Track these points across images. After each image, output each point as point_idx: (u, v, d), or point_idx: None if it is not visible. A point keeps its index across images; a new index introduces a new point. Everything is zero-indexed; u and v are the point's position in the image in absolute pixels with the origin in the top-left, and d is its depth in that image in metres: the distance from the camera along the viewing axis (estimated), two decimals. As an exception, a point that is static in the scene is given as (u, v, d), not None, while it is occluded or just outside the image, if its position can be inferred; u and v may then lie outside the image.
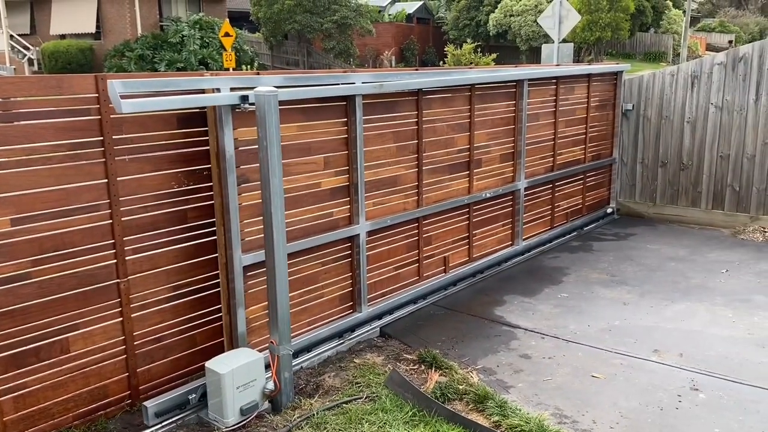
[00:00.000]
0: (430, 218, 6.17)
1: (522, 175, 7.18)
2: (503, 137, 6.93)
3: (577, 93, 8.05)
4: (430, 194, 6.12)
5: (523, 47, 37.70)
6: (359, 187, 5.29)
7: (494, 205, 6.99)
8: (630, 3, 34.99)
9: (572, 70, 7.99)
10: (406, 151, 5.79)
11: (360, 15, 32.97)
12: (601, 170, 8.88)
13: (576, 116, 8.12)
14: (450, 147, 6.26)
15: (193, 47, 28.62)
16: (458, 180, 6.44)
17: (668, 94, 8.55)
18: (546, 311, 5.96)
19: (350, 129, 5.18)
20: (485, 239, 6.95)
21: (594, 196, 8.82)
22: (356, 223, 5.34)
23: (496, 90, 6.73)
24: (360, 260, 5.42)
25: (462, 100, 6.31)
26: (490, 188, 6.82)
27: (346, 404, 4.34)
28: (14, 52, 30.35)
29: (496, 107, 6.77)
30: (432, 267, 6.32)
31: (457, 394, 4.48)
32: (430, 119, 5.98)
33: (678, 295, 6.25)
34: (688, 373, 4.74)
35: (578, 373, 4.82)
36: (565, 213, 8.23)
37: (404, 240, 5.95)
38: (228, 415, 4.17)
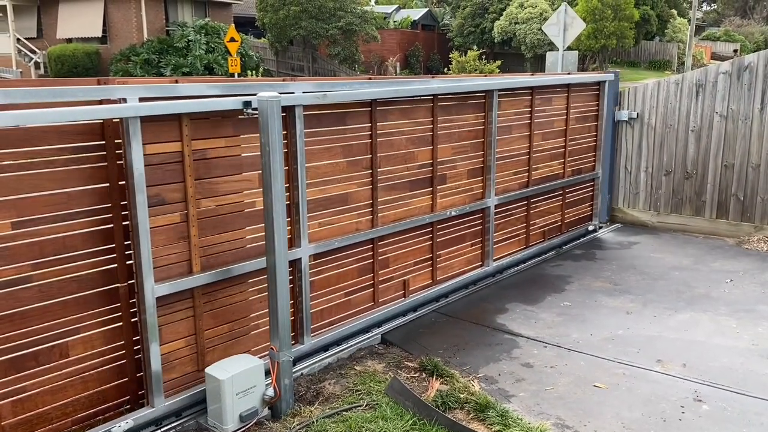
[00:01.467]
0: (387, 239, 5.70)
1: (492, 192, 6.70)
2: (471, 151, 6.48)
3: (555, 104, 7.62)
4: (387, 213, 5.65)
5: (528, 55, 37.73)
6: (300, 207, 4.78)
7: (461, 223, 6.53)
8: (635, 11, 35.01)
9: (549, 80, 7.55)
10: (359, 166, 5.32)
11: (365, 21, 33.06)
12: (582, 186, 8.46)
13: (554, 129, 7.69)
14: (410, 162, 5.80)
15: (198, 52, 28.72)
16: (420, 197, 5.97)
17: (673, 102, 8.53)
18: (548, 320, 5.92)
19: (289, 143, 4.69)
20: (451, 260, 6.49)
21: (575, 213, 8.40)
22: (297, 245, 4.83)
23: (463, 101, 6.27)
24: (302, 286, 4.90)
25: (423, 112, 5.86)
26: (456, 206, 6.36)
27: (346, 412, 4.32)
28: (21, 56, 30.52)
29: (463, 119, 6.32)
30: (390, 291, 5.86)
31: (458, 403, 4.45)
32: (387, 132, 5.52)
33: (681, 305, 6.21)
34: (691, 384, 4.70)
35: (580, 382, 4.78)
36: (542, 231, 7.80)
37: (357, 263, 5.48)
38: (227, 421, 4.15)
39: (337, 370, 5.02)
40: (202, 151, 4.24)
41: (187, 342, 4.34)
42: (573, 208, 8.32)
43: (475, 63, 25.95)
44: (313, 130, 4.92)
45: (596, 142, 8.54)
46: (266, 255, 4.38)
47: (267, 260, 4.38)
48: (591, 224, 8.69)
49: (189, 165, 4.16)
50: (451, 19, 44.02)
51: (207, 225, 4.34)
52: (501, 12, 39.59)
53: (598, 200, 8.72)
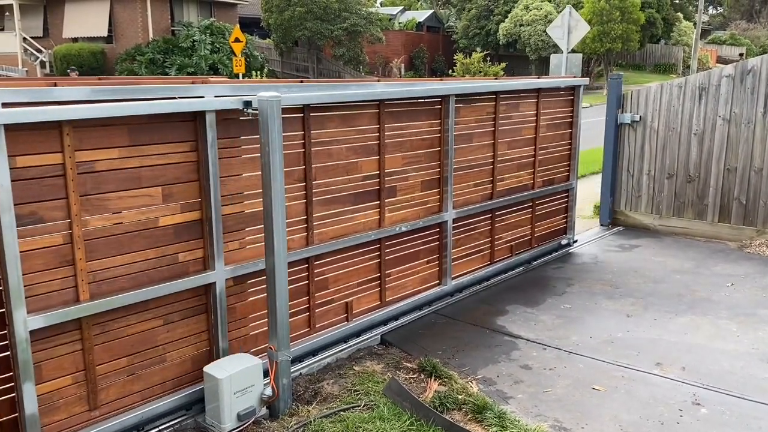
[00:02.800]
0: (325, 258, 5.16)
1: (450, 205, 6.14)
2: (426, 161, 5.91)
3: (523, 110, 7.04)
4: (326, 229, 5.12)
5: (533, 57, 37.75)
6: (215, 224, 4.27)
7: (415, 239, 5.98)
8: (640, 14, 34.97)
9: (515, 85, 6.98)
10: (290, 178, 4.76)
11: (370, 23, 33.12)
12: (555, 197, 7.85)
13: (522, 137, 7.10)
14: (353, 173, 5.26)
15: (203, 52, 28.81)
16: (364, 212, 5.42)
17: (676, 105, 8.52)
18: (548, 322, 5.92)
19: (201, 153, 4.19)
20: (403, 279, 5.93)
21: (547, 226, 7.80)
22: (211, 268, 4.33)
23: (415, 107, 5.71)
24: (219, 313, 4.40)
25: (368, 119, 5.31)
26: (408, 220, 5.81)
27: (343, 412, 4.32)
28: (27, 55, 30.63)
29: (416, 127, 5.76)
30: (329, 315, 5.29)
31: (456, 404, 4.45)
32: (324, 140, 4.98)
33: (682, 308, 6.20)
34: (690, 388, 4.69)
35: (579, 385, 4.78)
36: (509, 246, 7.23)
37: (289, 285, 4.73)
38: (225, 420, 4.16)
39: (336, 370, 5.03)
40: (88, 163, 3.76)
41: (74, 379, 3.86)
42: (545, 221, 7.75)
43: (479, 65, 25.97)
44: (232, 138, 4.39)
45: (570, 151, 7.96)
46: (265, 256, 4.39)
47: (266, 261, 4.39)
48: (565, 238, 8.13)
49: (72, 179, 3.69)
50: (456, 21, 44.08)
51: (98, 247, 3.85)
52: (506, 14, 39.62)
53: (572, 212, 8.15)
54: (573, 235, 8.23)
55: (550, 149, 7.58)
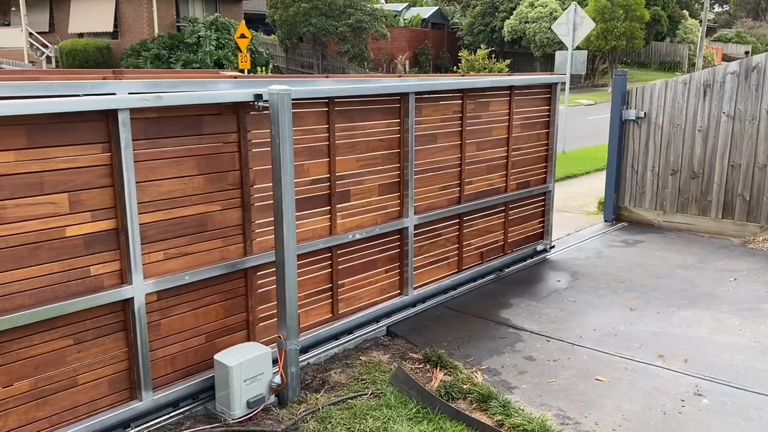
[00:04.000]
0: (266, 268, 4.73)
1: (411, 210, 5.73)
2: (383, 164, 5.50)
3: (493, 109, 6.61)
4: (268, 238, 4.68)
5: (537, 53, 37.79)
6: (131, 234, 3.90)
7: (371, 247, 5.55)
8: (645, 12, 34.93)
9: (484, 82, 6.57)
10: (223, 183, 4.39)
11: (375, 19, 33.17)
12: (530, 201, 7.44)
13: (493, 137, 6.68)
14: (299, 177, 4.83)
15: (208, 48, 28.92)
16: (313, 218, 5.02)
17: (680, 102, 8.57)
18: (552, 315, 5.99)
19: (114, 156, 3.82)
20: (358, 290, 5.52)
21: (521, 232, 7.38)
22: (128, 282, 3.95)
23: (370, 105, 5.30)
24: (139, 331, 4.02)
25: (315, 118, 4.91)
26: (364, 227, 5.41)
27: (351, 400, 4.40)
28: (33, 50, 30.75)
29: (372, 127, 5.35)
30: (272, 330, 4.83)
31: (461, 393, 4.53)
32: (263, 141, 4.55)
33: (685, 302, 6.27)
34: (692, 379, 4.76)
35: (582, 375, 4.85)
36: (480, 252, 6.81)
37: (224, 299, 4.53)
38: (235, 407, 4.24)
39: (343, 359, 5.11)
40: None
41: None
42: (519, 226, 7.33)
43: (484, 61, 25.98)
44: (153, 140, 4.02)
45: (548, 152, 7.51)
46: (276, 248, 4.47)
47: (276, 254, 4.47)
48: (541, 244, 7.67)
49: None
50: (461, 18, 44.10)
51: None
52: (511, 11, 39.64)
53: (549, 217, 7.72)
54: (550, 240, 7.82)
55: (524, 150, 7.17)
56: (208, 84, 4.24)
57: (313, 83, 4.94)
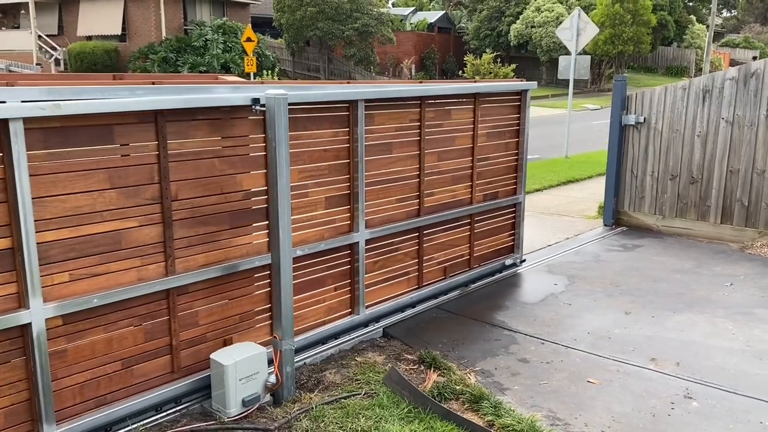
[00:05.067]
0: (193, 289, 4.41)
1: (362, 224, 5.40)
2: (330, 175, 5.19)
3: (456, 117, 6.29)
4: (194, 256, 4.38)
5: (544, 58, 37.83)
6: (28, 254, 3.57)
7: (317, 263, 5.22)
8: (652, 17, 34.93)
9: (445, 89, 6.23)
10: (140, 197, 4.06)
11: (381, 23, 33.30)
12: (499, 212, 7.10)
13: (456, 146, 6.35)
14: (230, 190, 4.51)
15: (215, 51, 29.10)
16: (247, 234, 4.68)
17: (679, 107, 8.61)
18: (547, 318, 6.05)
19: (6, 169, 3.51)
20: (303, 310, 5.18)
21: (489, 245, 7.05)
22: (24, 306, 3.63)
23: (315, 113, 5.00)
24: (39, 359, 3.68)
25: (249, 127, 4.57)
26: (308, 242, 5.08)
27: (344, 399, 4.48)
28: (42, 52, 31.04)
29: (317, 136, 5.04)
30: (201, 354, 4.52)
31: (454, 394, 4.59)
32: (186, 152, 4.24)
33: (680, 307, 6.31)
34: (683, 382, 4.81)
35: (574, 378, 4.91)
36: (442, 267, 6.49)
37: (143, 323, 4.20)
38: (230, 405, 4.32)
39: (339, 360, 5.18)
40: None
41: None
42: (486, 239, 7.01)
43: (489, 66, 26.06)
44: (56, 151, 3.69)
45: (517, 162, 7.16)
46: (271, 251, 4.56)
47: (272, 256, 4.56)
48: (510, 258, 7.32)
49: None
50: (467, 22, 44.20)
51: None
52: (518, 15, 39.71)
53: (520, 229, 7.38)
54: (521, 254, 7.48)
55: (492, 160, 6.84)
56: (120, 92, 3.93)
57: (247, 89, 4.61)
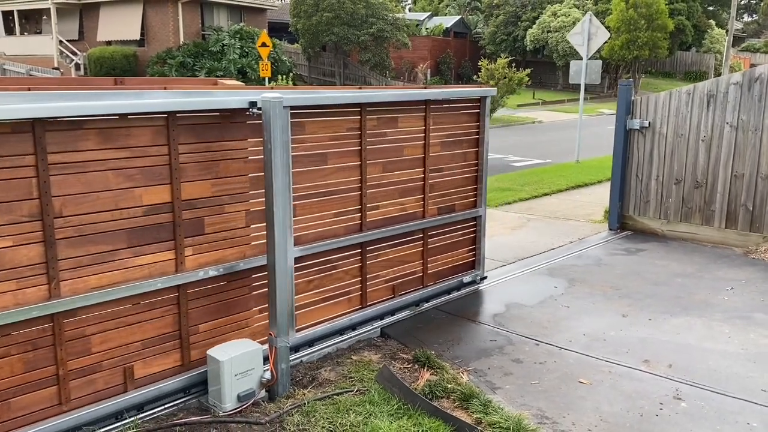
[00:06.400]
0: (83, 313, 4.05)
1: (290, 240, 4.90)
2: (253, 188, 4.78)
3: (404, 125, 5.88)
4: (85, 277, 4.03)
5: (560, 63, 37.76)
6: None
7: (237, 284, 4.82)
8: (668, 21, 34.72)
9: (389, 95, 5.82)
10: (15, 214, 3.73)
11: (397, 28, 33.45)
12: (456, 227, 6.66)
13: (405, 157, 5.94)
14: (128, 205, 4.15)
15: (232, 56, 29.45)
16: (150, 254, 4.30)
17: (684, 112, 8.63)
18: (544, 319, 6.10)
19: None
20: (222, 335, 4.77)
21: (445, 261, 6.62)
22: None
23: (231, 120, 4.60)
24: None
25: (150, 136, 4.19)
26: (224, 261, 4.68)
27: (337, 396, 4.58)
28: (63, 57, 31.60)
29: (232, 146, 4.63)
30: (97, 384, 4.18)
31: (445, 392, 4.67)
32: (74, 163, 3.91)
33: (678, 310, 6.33)
34: (673, 383, 4.85)
35: (566, 378, 4.97)
36: (391, 286, 6.06)
37: (22, 351, 3.86)
38: (226, 400, 4.44)
39: (335, 358, 5.29)
40: None
41: None
42: (441, 255, 6.57)
43: (504, 70, 26.05)
44: None
45: (477, 173, 6.73)
46: (267, 252, 4.67)
47: (267, 257, 4.67)
48: (469, 275, 6.85)
49: None
50: (483, 27, 44.25)
51: None
52: (534, 20, 39.71)
53: (480, 244, 6.91)
54: (482, 270, 7.04)
55: (447, 171, 6.41)
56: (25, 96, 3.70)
57: (146, 95, 4.30)
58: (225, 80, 5.25)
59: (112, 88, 4.21)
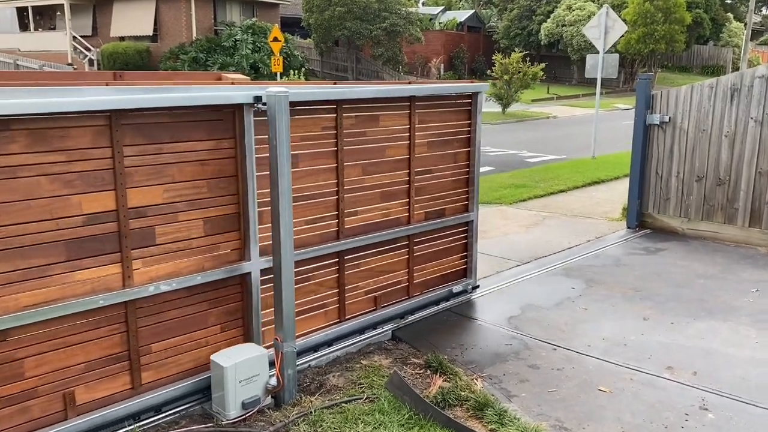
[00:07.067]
0: (15, 334, 3.69)
1: (255, 250, 4.54)
2: (211, 194, 4.36)
3: (386, 124, 5.45)
4: (18, 296, 3.66)
5: (575, 57, 37.34)
6: None
7: (195, 300, 4.40)
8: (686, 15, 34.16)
9: (368, 91, 5.29)
10: None
11: (410, 23, 33.17)
12: (445, 233, 6.19)
13: (387, 158, 5.50)
14: (63, 214, 3.76)
15: (245, 51, 29.31)
16: (91, 268, 3.90)
17: (706, 106, 8.33)
18: (562, 322, 5.88)
19: None
20: (177, 355, 4.37)
21: (434, 270, 6.16)
22: None
23: (186, 119, 4.18)
24: None
25: (90, 138, 3.79)
26: (178, 275, 4.26)
27: (345, 404, 4.39)
28: (76, 53, 31.62)
29: (189, 147, 4.21)
30: (34, 412, 3.82)
31: (458, 401, 4.47)
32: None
33: (702, 313, 6.08)
34: (699, 392, 4.61)
35: (585, 386, 4.74)
36: (373, 297, 5.63)
37: None
38: (229, 408, 4.26)
39: (344, 363, 5.10)
40: None
41: None
42: (430, 263, 6.12)
43: (518, 65, 25.72)
44: None
45: (468, 175, 6.26)
46: (273, 254, 4.47)
47: (273, 259, 4.48)
48: (459, 284, 6.37)
49: None
50: (497, 21, 43.84)
51: None
52: (548, 14, 39.27)
53: (472, 251, 6.42)
54: (474, 279, 6.53)
55: (435, 173, 5.96)
56: None
57: (86, 92, 3.72)
58: (229, 74, 5.04)
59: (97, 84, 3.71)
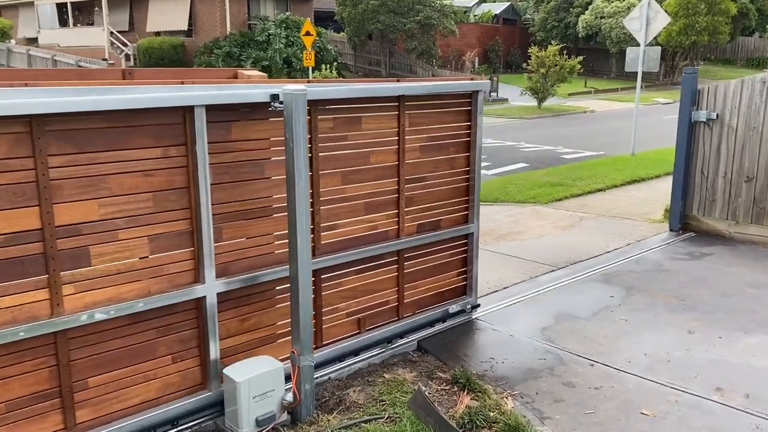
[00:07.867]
0: None
1: (210, 272, 4.03)
2: (156, 208, 3.85)
3: (370, 126, 4.85)
4: None
5: (613, 50, 36.44)
6: None
7: (136, 330, 3.89)
8: (731, 5, 33.01)
9: (347, 91, 4.67)
10: None
11: (444, 15, 32.69)
12: (442, 246, 5.57)
13: (372, 165, 4.91)
14: None
15: (278, 46, 29.22)
16: (13, 295, 3.44)
17: (757, 102, 7.82)
18: (600, 335, 5.51)
19: None
20: (120, 390, 3.89)
21: (428, 288, 5.55)
22: None
23: (126, 124, 3.67)
24: None
25: (5, 147, 3.32)
26: (117, 301, 3.77)
27: (365, 423, 4.11)
28: (114, 48, 31.98)
29: (130, 156, 3.72)
30: None
31: (487, 422, 4.15)
32: None
33: (753, 326, 5.64)
34: (753, 419, 4.21)
35: (625, 407, 4.38)
36: (356, 320, 5.05)
37: None
38: (243, 425, 4.03)
39: (366, 376, 4.82)
40: None
41: None
42: (423, 280, 5.50)
43: (554, 58, 25.09)
44: None
45: (468, 182, 5.63)
46: (289, 262, 4.21)
47: (290, 267, 4.21)
48: (457, 303, 5.73)
49: None
50: (533, 14, 43.04)
51: None
52: (586, 6, 38.40)
53: (473, 266, 5.78)
54: (474, 297, 5.88)
55: (429, 181, 5.36)
56: None
57: None
58: (245, 71, 4.77)
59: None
